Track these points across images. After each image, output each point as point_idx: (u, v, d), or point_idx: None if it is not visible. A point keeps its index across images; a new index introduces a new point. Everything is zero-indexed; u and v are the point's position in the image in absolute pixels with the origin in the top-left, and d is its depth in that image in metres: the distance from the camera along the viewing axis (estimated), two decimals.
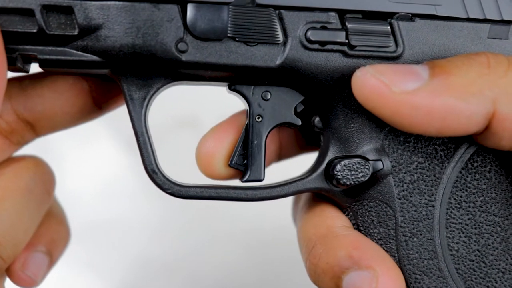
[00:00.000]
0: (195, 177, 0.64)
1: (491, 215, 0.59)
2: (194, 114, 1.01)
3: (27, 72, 0.60)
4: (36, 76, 0.63)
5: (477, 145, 0.58)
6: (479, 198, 0.59)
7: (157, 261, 1.04)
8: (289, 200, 0.67)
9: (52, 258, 0.67)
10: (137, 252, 1.04)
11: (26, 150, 0.66)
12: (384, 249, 0.59)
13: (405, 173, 0.58)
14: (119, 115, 0.67)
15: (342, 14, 0.58)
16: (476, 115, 0.52)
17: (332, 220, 0.60)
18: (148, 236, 1.04)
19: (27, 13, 0.55)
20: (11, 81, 0.63)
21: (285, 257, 0.63)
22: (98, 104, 0.63)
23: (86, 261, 0.93)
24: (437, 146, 0.58)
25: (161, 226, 1.04)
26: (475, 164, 0.59)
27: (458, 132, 0.53)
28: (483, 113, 0.52)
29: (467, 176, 0.59)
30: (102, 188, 1.04)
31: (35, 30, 0.55)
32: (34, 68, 0.60)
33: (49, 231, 0.67)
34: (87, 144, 1.03)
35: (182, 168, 0.66)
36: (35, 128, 0.63)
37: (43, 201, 0.65)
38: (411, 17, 0.58)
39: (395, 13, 0.58)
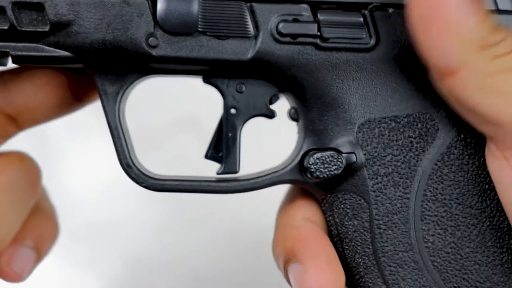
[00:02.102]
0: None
1: (467, 208, 0.58)
2: (194, 114, 1.01)
3: (5, 65, 0.60)
4: (16, 70, 0.63)
5: (454, 137, 0.58)
6: (455, 190, 0.58)
7: (158, 260, 1.04)
8: (278, 194, 0.68)
9: (39, 253, 0.67)
10: (137, 252, 1.04)
11: (26, 149, 0.67)
12: (358, 241, 0.59)
13: (379, 165, 0.58)
14: None
15: (314, 6, 0.57)
16: (446, 55, 0.52)
17: (296, 210, 0.61)
18: (149, 236, 1.05)
19: None
20: None
21: None
22: (77, 96, 0.64)
23: (87, 260, 0.94)
24: (413, 139, 0.58)
25: (162, 225, 1.05)
26: (452, 157, 0.58)
27: (425, 46, 0.53)
28: (448, 63, 0.53)
29: (443, 169, 0.58)
30: (102, 188, 1.05)
31: (6, 27, 0.56)
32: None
33: (37, 226, 0.67)
34: (87, 143, 1.03)
35: (182, 170, 0.66)
36: (17, 122, 0.64)
37: (29, 196, 0.66)
38: (386, 7, 0.57)
39: (369, 4, 0.57)
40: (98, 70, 0.58)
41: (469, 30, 0.52)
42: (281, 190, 0.65)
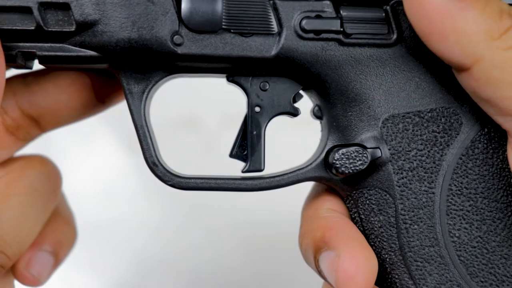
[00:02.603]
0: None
1: (493, 201, 0.58)
2: (194, 114, 1.02)
3: (30, 68, 0.61)
4: (39, 72, 0.64)
5: (478, 131, 0.58)
6: (481, 184, 0.58)
7: (157, 260, 1.05)
8: (287, 195, 0.68)
9: (57, 258, 0.68)
10: (136, 251, 1.05)
11: (28, 149, 0.67)
12: (384, 236, 0.59)
13: (404, 160, 0.58)
14: (120, 115, 0.68)
15: (337, 2, 0.58)
16: (455, 56, 0.53)
17: (321, 203, 0.61)
18: (148, 236, 1.05)
19: (25, 10, 0.56)
20: (15, 78, 0.64)
21: (282, 252, 0.64)
22: (101, 98, 0.65)
23: (87, 260, 0.95)
24: (437, 133, 0.58)
25: (161, 225, 1.05)
26: (476, 151, 0.58)
27: (434, 51, 0.54)
28: (459, 62, 0.53)
29: (468, 163, 0.58)
30: (102, 188, 1.05)
31: (33, 27, 0.56)
32: (38, 65, 0.61)
33: (56, 231, 0.68)
34: (87, 144, 1.04)
35: (183, 169, 0.67)
36: (40, 124, 0.65)
37: (49, 200, 0.66)
38: None
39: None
40: (123, 69, 0.59)
41: (471, 25, 0.52)
42: (286, 192, 0.65)
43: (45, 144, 0.70)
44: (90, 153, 1.04)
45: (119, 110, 0.65)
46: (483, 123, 0.58)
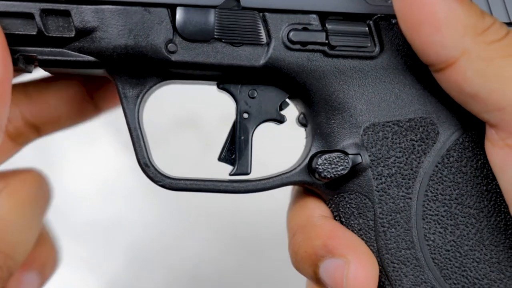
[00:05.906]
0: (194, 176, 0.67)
1: (466, 207, 0.62)
2: (194, 114, 1.03)
3: (30, 72, 0.64)
4: (40, 84, 0.67)
5: (453, 141, 0.61)
6: (455, 191, 0.62)
7: (155, 259, 1.06)
8: (273, 193, 0.70)
9: (43, 278, 0.70)
10: (135, 251, 1.06)
11: (28, 149, 0.70)
12: (363, 239, 0.62)
13: (383, 166, 0.61)
14: (118, 115, 0.70)
15: (323, 16, 0.61)
16: (444, 48, 0.55)
17: (312, 210, 0.63)
18: (146, 235, 1.07)
19: (28, 16, 0.59)
20: (17, 89, 0.67)
21: (280, 252, 0.65)
22: (98, 106, 0.67)
23: (86, 260, 0.96)
24: (414, 142, 0.61)
25: (159, 225, 1.07)
26: (451, 159, 0.62)
27: (421, 45, 0.56)
28: (448, 54, 0.55)
29: (443, 170, 0.62)
30: (100, 188, 1.06)
31: (34, 33, 0.59)
32: (38, 72, 0.64)
33: (42, 252, 0.70)
34: (86, 144, 1.05)
35: (182, 168, 0.69)
36: (40, 130, 0.68)
37: (43, 213, 0.69)
38: (389, 18, 0.61)
39: (373, 15, 0.61)
40: (119, 74, 0.62)
41: (461, 18, 0.54)
42: (281, 192, 0.67)
43: (45, 144, 0.72)
44: (89, 153, 1.06)
45: (118, 111, 0.68)
46: (459, 134, 0.61)
